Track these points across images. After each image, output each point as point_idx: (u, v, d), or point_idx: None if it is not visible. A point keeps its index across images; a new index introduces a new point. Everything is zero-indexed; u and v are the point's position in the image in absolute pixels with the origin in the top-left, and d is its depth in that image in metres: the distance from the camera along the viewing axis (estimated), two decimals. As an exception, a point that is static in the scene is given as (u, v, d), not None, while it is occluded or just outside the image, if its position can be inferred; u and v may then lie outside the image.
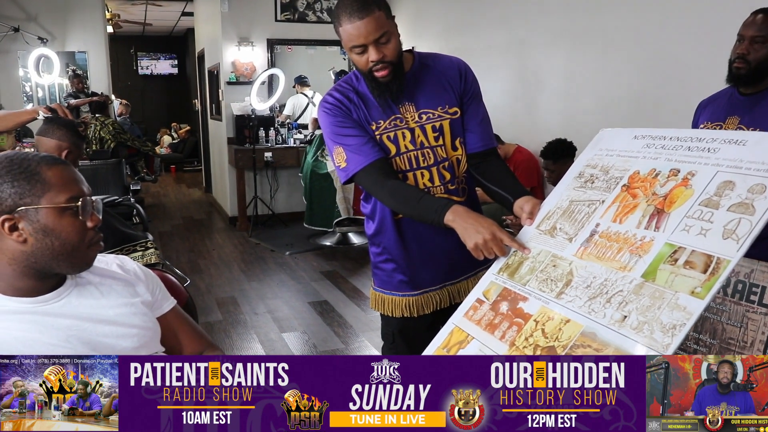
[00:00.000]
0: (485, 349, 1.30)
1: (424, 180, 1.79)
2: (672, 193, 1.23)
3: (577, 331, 1.16)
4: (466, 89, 1.83)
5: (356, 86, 1.80)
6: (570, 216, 1.42)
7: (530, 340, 1.23)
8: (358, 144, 1.74)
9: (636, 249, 1.20)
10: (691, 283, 1.07)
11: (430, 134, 1.78)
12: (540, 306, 1.28)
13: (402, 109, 1.77)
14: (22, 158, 1.19)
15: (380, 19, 1.63)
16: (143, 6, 10.63)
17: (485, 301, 1.42)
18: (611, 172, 1.41)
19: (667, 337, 1.03)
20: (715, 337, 1.86)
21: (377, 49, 1.65)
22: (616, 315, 1.12)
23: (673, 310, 1.05)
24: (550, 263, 1.35)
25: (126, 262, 1.42)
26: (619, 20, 3.95)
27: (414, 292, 1.90)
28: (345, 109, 1.77)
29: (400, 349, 1.95)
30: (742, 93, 2.15)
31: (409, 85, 1.78)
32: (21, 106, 7.34)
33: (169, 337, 1.42)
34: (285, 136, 6.96)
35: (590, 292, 1.21)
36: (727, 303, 1.85)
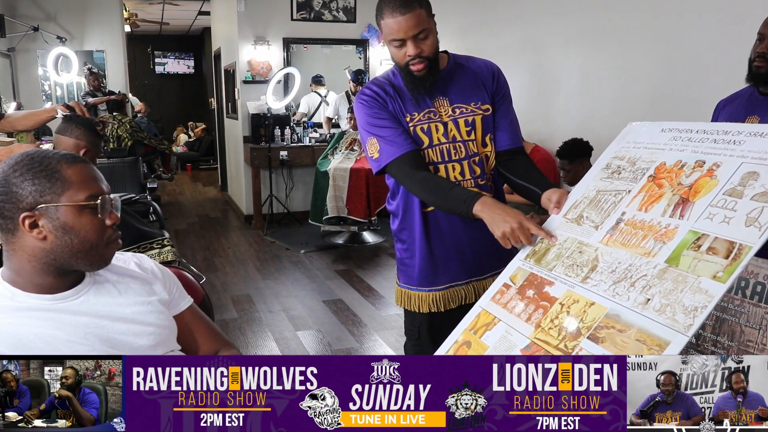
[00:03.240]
0: (512, 330, 1.33)
1: (455, 173, 1.84)
2: (697, 183, 1.25)
3: (602, 313, 1.19)
4: (498, 90, 1.89)
5: (393, 80, 1.86)
6: (596, 205, 1.45)
7: (555, 321, 1.26)
8: (392, 135, 1.80)
9: (660, 236, 1.23)
10: (713, 268, 1.09)
11: (463, 128, 1.84)
12: (566, 290, 1.31)
13: (436, 104, 1.83)
14: (42, 156, 1.20)
15: (421, 16, 1.70)
16: (160, 5, 10.69)
17: (512, 285, 1.45)
18: (638, 163, 1.44)
19: (689, 318, 1.05)
20: (734, 339, 1.84)
21: (415, 44, 1.72)
22: (640, 298, 1.15)
23: (695, 293, 1.08)
24: (576, 249, 1.39)
25: (144, 260, 1.43)
26: (635, 19, 3.92)
27: (440, 287, 1.92)
28: (381, 101, 1.82)
29: (426, 346, 1.96)
30: (762, 92, 2.12)
31: (443, 82, 1.84)
32: (40, 105, 7.42)
33: (186, 336, 1.43)
34: (300, 134, 6.98)
35: (615, 276, 1.24)
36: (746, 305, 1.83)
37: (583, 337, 1.18)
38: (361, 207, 5.74)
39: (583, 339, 1.18)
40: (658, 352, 1.05)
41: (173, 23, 12.89)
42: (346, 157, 5.93)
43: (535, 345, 1.25)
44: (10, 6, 7.22)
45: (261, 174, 6.77)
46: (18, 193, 1.17)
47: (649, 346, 1.07)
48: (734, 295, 1.86)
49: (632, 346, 1.09)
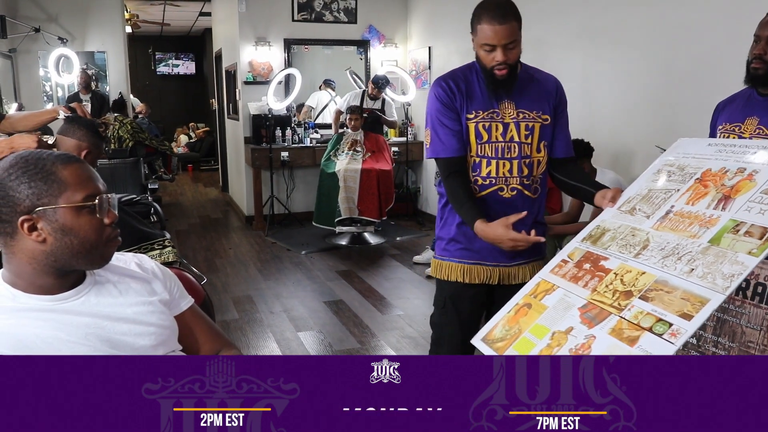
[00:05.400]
0: (569, 294, 1.50)
1: (504, 170, 2.02)
2: (738, 184, 1.46)
3: (652, 279, 1.37)
4: (560, 103, 2.10)
5: (468, 76, 2.05)
6: (648, 200, 1.65)
7: (610, 287, 1.43)
8: (446, 136, 2.03)
9: (705, 223, 1.43)
10: (749, 246, 1.29)
11: (522, 131, 2.02)
12: (619, 263, 1.49)
13: (501, 105, 2.02)
14: (36, 158, 1.20)
15: (514, 28, 1.90)
16: (161, 6, 10.71)
17: (569, 261, 1.63)
18: (686, 169, 1.64)
19: (727, 281, 1.24)
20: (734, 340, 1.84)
21: (504, 52, 1.91)
22: (685, 268, 1.34)
23: (733, 264, 1.27)
24: (630, 233, 1.58)
25: (144, 260, 1.43)
26: (636, 21, 3.93)
27: (467, 261, 2.11)
28: (451, 96, 2.02)
29: (450, 315, 2.16)
30: (760, 93, 2.13)
31: (515, 88, 2.02)
32: (41, 106, 7.42)
33: (187, 336, 1.43)
34: (302, 135, 6.98)
35: (664, 253, 1.43)
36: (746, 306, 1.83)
37: (635, 297, 1.35)
38: (373, 207, 5.78)
39: (635, 299, 1.34)
40: (699, 308, 1.22)
41: (174, 24, 12.91)
42: (352, 158, 5.93)
43: (591, 304, 1.41)
44: (12, 7, 7.23)
45: (262, 175, 6.78)
46: (15, 197, 1.16)
47: (692, 302, 1.25)
48: (735, 296, 1.86)
49: (678, 303, 1.27)
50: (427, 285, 4.88)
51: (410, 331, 3.93)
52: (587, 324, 1.35)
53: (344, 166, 5.82)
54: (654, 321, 1.25)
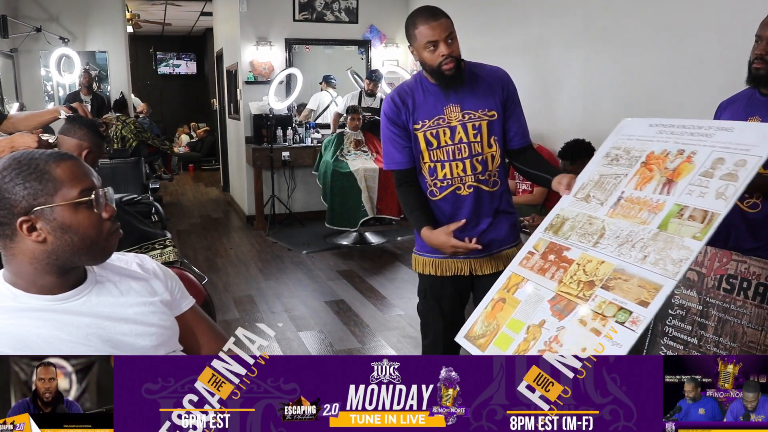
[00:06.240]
0: (539, 287, 1.58)
1: (458, 170, 2.14)
2: (679, 167, 1.54)
3: (611, 269, 1.45)
4: (509, 97, 2.18)
5: (414, 88, 2.17)
6: (600, 186, 1.72)
7: (574, 277, 1.52)
8: (394, 149, 2.19)
9: (653, 208, 1.51)
10: (693, 230, 1.37)
11: (470, 132, 2.12)
12: (581, 253, 1.58)
13: (446, 110, 2.13)
14: (29, 158, 1.19)
15: (449, 23, 2.06)
16: (162, 6, 10.71)
17: (535, 252, 1.71)
18: (632, 152, 1.72)
19: (676, 267, 1.33)
20: (736, 340, 1.84)
21: (447, 45, 2.03)
22: (639, 255, 1.42)
23: (680, 249, 1.36)
24: (587, 222, 1.66)
25: (145, 260, 1.43)
26: (638, 20, 3.92)
27: (439, 256, 2.23)
28: (396, 111, 2.15)
29: (431, 304, 2.32)
30: (762, 93, 2.13)
31: (457, 90, 2.12)
32: (43, 106, 7.42)
33: (188, 336, 1.43)
34: (302, 135, 6.98)
35: (619, 241, 1.51)
36: (748, 306, 1.83)
37: (597, 287, 1.43)
38: (393, 205, 5.82)
39: (597, 288, 1.43)
40: (655, 294, 1.30)
41: (175, 24, 12.90)
42: (363, 158, 5.93)
43: (560, 296, 1.50)
44: (13, 7, 7.23)
45: (263, 174, 6.78)
46: (11, 199, 1.16)
47: (648, 289, 1.32)
48: (736, 296, 1.86)
49: (635, 290, 1.35)
50: (427, 285, 4.87)
51: (411, 331, 3.92)
52: (558, 316, 1.44)
53: (362, 165, 5.81)
54: (616, 310, 1.33)
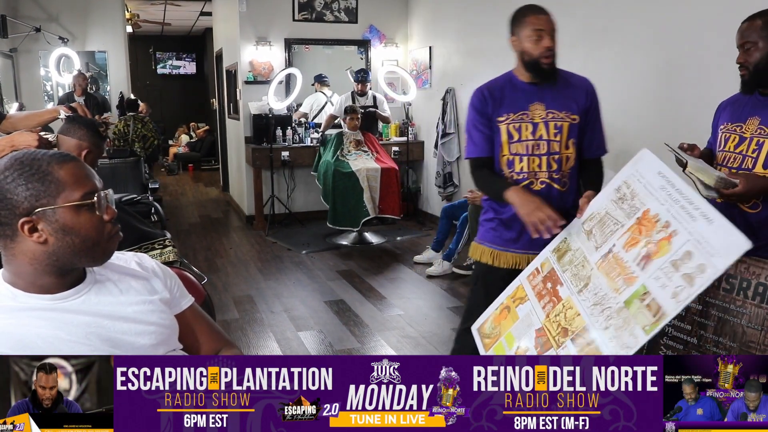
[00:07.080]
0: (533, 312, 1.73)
1: (533, 165, 2.25)
2: (659, 244, 1.59)
3: (582, 325, 1.61)
4: (592, 107, 2.32)
5: (503, 84, 2.30)
6: (602, 226, 1.81)
7: (557, 318, 1.66)
8: (478, 138, 2.31)
9: (627, 278, 1.60)
10: (644, 321, 1.48)
11: (551, 130, 2.24)
12: (568, 295, 1.71)
13: (531, 107, 2.25)
14: (32, 158, 1.19)
15: (554, 21, 2.20)
16: (162, 6, 10.71)
17: (540, 272, 1.85)
18: (635, 200, 1.77)
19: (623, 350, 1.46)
20: (735, 340, 1.84)
21: (551, 38, 2.18)
22: (603, 324, 1.57)
23: (630, 336, 1.48)
24: (581, 263, 1.78)
25: (144, 259, 1.43)
26: (638, 21, 3.92)
27: (498, 247, 2.36)
28: (484, 103, 2.28)
29: (480, 292, 2.39)
30: (762, 94, 2.13)
31: (544, 90, 2.25)
32: (42, 106, 7.42)
33: (187, 335, 1.43)
34: (302, 135, 6.98)
35: (596, 299, 1.64)
36: (747, 306, 1.83)
37: (568, 338, 1.59)
38: (395, 205, 5.87)
39: (568, 339, 1.59)
40: None
41: (175, 24, 12.91)
42: (364, 158, 5.94)
43: (543, 330, 1.64)
44: (12, 6, 7.23)
45: (262, 174, 6.77)
46: (13, 200, 1.16)
47: None
48: (736, 296, 1.86)
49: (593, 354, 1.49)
50: (427, 285, 4.88)
51: (410, 331, 3.93)
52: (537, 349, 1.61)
53: (364, 165, 5.82)
54: None
